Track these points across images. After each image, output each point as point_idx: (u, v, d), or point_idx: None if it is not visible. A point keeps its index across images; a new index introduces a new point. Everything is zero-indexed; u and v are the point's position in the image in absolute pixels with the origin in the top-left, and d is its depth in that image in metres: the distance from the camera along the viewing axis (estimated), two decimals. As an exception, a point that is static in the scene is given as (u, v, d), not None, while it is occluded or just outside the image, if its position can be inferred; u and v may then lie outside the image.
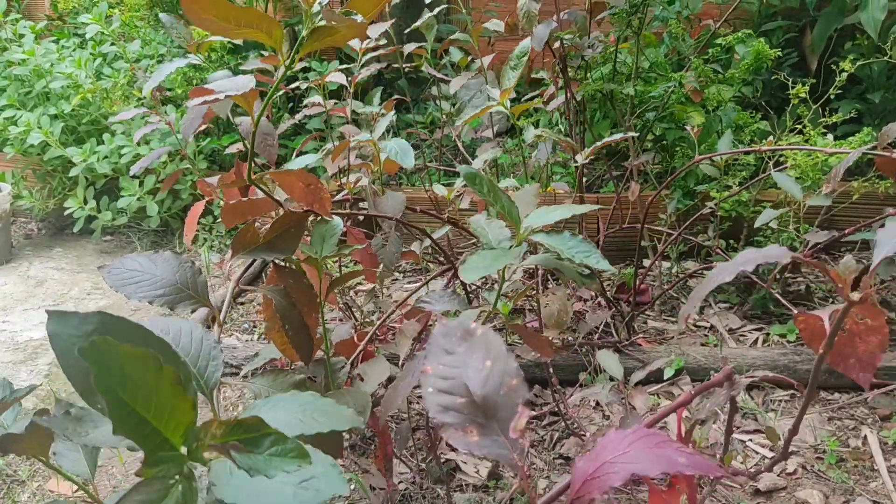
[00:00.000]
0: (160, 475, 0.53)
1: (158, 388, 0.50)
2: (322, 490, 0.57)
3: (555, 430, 1.58)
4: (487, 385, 0.56)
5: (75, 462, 1.09)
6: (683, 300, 2.07)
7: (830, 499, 1.29)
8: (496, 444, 0.53)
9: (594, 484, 0.50)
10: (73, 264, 2.53)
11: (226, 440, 0.52)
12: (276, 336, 1.04)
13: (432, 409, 0.55)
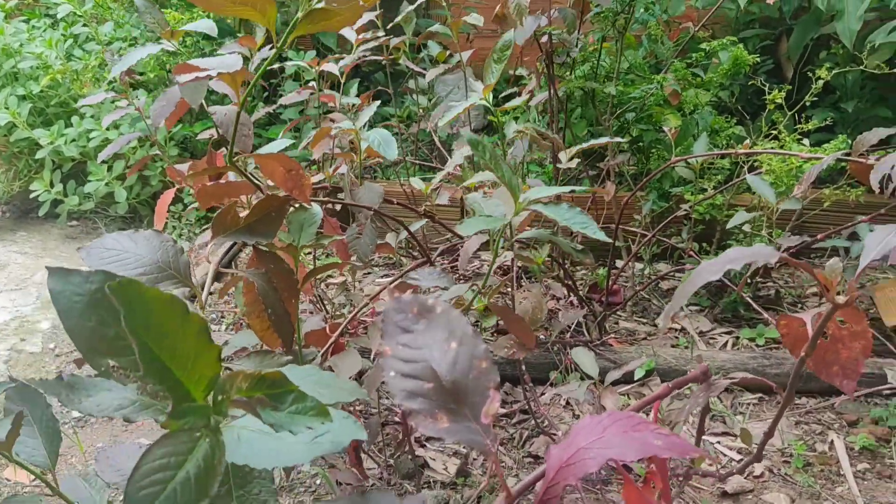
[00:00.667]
0: (185, 428, 0.52)
1: (184, 336, 0.48)
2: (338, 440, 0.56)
3: (524, 428, 1.58)
4: (456, 369, 0.54)
5: (34, 450, 1.05)
6: (655, 302, 2.08)
7: (797, 502, 1.30)
8: (468, 430, 0.52)
9: (569, 471, 0.49)
10: (37, 248, 2.47)
11: (251, 394, 0.50)
12: (256, 321, 1.02)
13: (398, 396, 0.53)
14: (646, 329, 1.96)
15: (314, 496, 1.40)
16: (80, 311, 0.58)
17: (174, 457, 0.51)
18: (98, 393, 0.68)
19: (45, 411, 1.09)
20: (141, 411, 0.67)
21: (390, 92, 2.26)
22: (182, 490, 0.50)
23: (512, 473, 1.43)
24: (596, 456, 0.48)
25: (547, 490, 0.50)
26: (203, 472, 0.51)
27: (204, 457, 0.52)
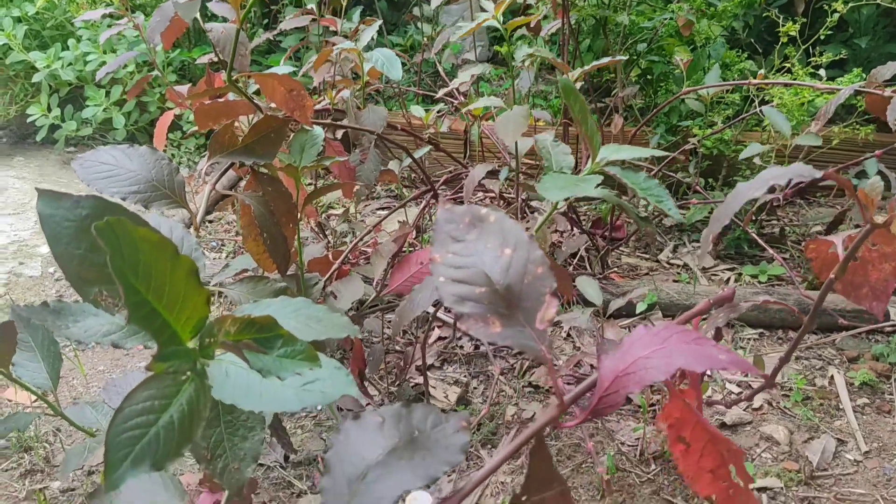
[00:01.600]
0: (171, 370, 0.50)
1: (173, 278, 0.47)
2: (328, 392, 0.54)
3: (525, 359, 1.58)
4: (510, 274, 0.52)
5: (35, 373, 1.05)
6: (659, 237, 2.07)
7: (795, 435, 1.31)
8: (522, 336, 0.50)
9: (628, 380, 0.48)
10: (35, 174, 2.44)
11: (238, 338, 0.49)
12: (252, 245, 1.01)
13: (447, 300, 0.51)
14: (648, 265, 1.95)
15: (315, 421, 1.41)
16: (69, 237, 0.56)
17: (158, 400, 0.50)
18: (85, 319, 0.66)
19: (46, 335, 1.08)
20: (129, 337, 0.65)
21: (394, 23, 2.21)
22: (165, 434, 0.49)
23: (512, 402, 1.44)
24: (659, 366, 0.47)
25: (601, 399, 0.49)
26: (187, 417, 0.50)
27: (188, 401, 0.51)
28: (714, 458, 0.60)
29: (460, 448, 0.49)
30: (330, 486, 0.48)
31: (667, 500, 1.18)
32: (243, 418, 0.73)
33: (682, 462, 0.62)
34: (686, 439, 0.62)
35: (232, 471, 0.71)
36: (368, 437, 0.51)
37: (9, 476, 1.25)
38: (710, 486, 0.62)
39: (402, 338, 1.67)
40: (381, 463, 0.49)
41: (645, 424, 1.31)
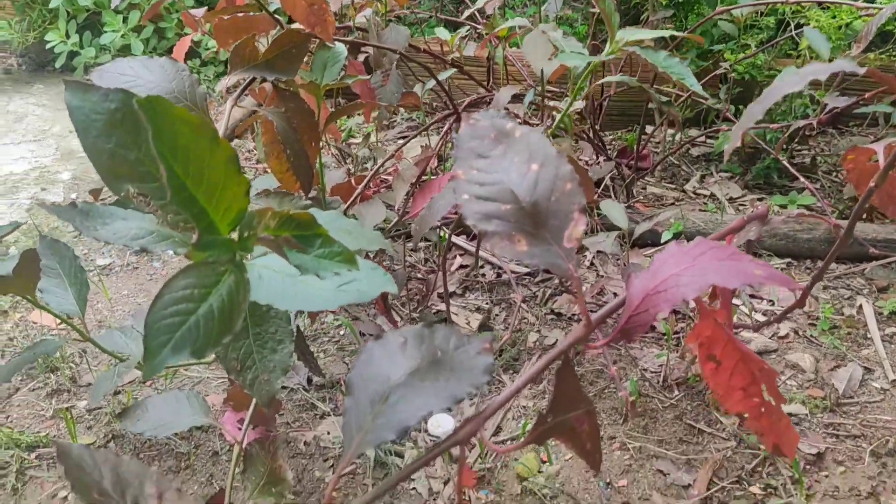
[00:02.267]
0: (210, 261, 0.49)
1: (212, 163, 0.45)
2: (365, 291, 0.53)
3: (547, 286, 1.57)
4: (537, 190, 0.50)
5: (62, 299, 1.05)
6: (685, 167, 2.03)
7: (821, 363, 1.29)
8: (548, 254, 0.48)
9: (659, 298, 0.46)
10: (55, 101, 2.43)
11: (278, 233, 0.48)
12: (275, 163, 0.99)
13: (471, 218, 0.50)
14: (674, 195, 1.92)
15: (338, 346, 1.41)
16: (98, 130, 0.55)
17: (197, 289, 0.49)
18: (114, 221, 0.65)
19: (73, 262, 1.08)
20: (159, 242, 0.64)
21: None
22: (205, 323, 0.48)
23: (534, 329, 1.43)
24: (691, 282, 0.45)
25: (630, 319, 0.47)
26: (227, 307, 0.49)
27: (228, 291, 0.50)
28: (745, 377, 0.59)
29: (484, 369, 0.48)
30: (353, 406, 0.48)
31: (689, 424, 1.18)
32: (272, 331, 0.72)
33: (713, 380, 0.61)
34: (717, 357, 0.60)
35: (262, 382, 0.71)
36: (391, 357, 0.50)
37: (35, 395, 1.27)
38: (741, 404, 0.60)
39: (423, 266, 1.66)
40: (404, 384, 0.47)
41: (669, 351, 1.30)
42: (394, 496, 1.09)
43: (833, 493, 1.05)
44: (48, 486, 1.10)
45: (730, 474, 1.09)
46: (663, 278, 0.47)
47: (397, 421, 0.44)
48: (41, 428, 1.21)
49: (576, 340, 0.48)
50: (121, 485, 0.50)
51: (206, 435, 1.19)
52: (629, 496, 1.07)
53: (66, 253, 1.08)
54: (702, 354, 0.60)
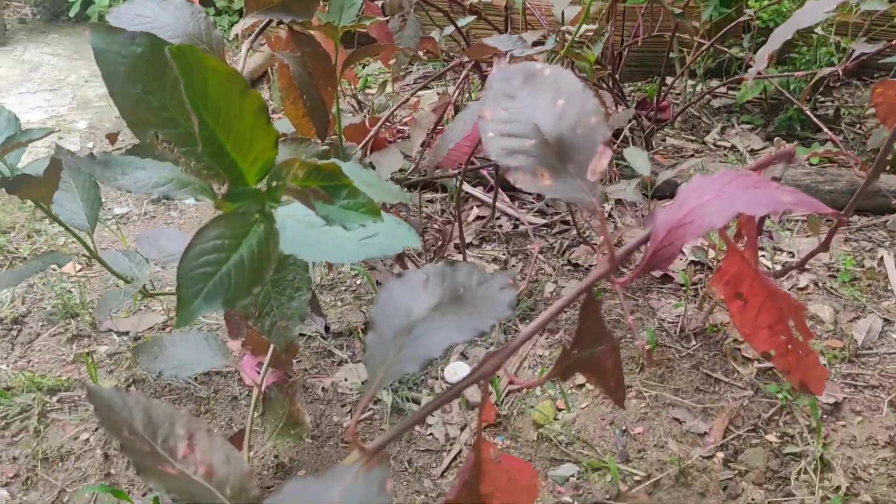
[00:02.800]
0: (240, 212, 0.49)
1: (242, 114, 0.45)
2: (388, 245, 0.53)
3: (565, 238, 1.56)
4: (561, 124, 0.49)
5: (74, 213, 1.05)
6: (705, 119, 2.00)
7: (840, 314, 1.28)
8: (572, 188, 0.48)
9: (684, 230, 0.45)
10: (70, 51, 2.41)
11: (306, 184, 0.47)
12: (291, 108, 0.98)
13: (494, 153, 0.49)
14: (694, 146, 1.89)
15: (355, 294, 1.42)
16: (124, 75, 0.54)
17: (228, 239, 0.49)
18: (134, 171, 0.65)
19: (87, 177, 1.08)
20: (179, 189, 0.64)
21: None
22: (236, 273, 0.48)
23: (551, 280, 1.43)
24: (718, 212, 0.44)
25: (655, 253, 0.46)
26: (257, 257, 0.49)
27: (258, 242, 0.50)
28: (772, 314, 0.58)
29: (508, 304, 0.48)
30: (375, 341, 0.47)
31: (706, 374, 1.18)
32: (290, 278, 0.72)
33: (739, 318, 0.60)
34: (743, 295, 0.60)
35: (279, 329, 0.71)
36: (413, 294, 0.49)
37: (56, 340, 1.29)
38: (768, 342, 0.60)
39: (440, 217, 1.65)
40: (426, 318, 0.47)
41: (686, 302, 1.29)
42: (411, 441, 1.10)
43: (850, 443, 1.05)
44: (70, 429, 1.11)
45: (746, 423, 1.09)
46: (689, 209, 0.46)
47: (420, 353, 0.44)
48: (62, 372, 1.22)
49: (601, 275, 0.48)
50: (151, 425, 0.51)
51: (225, 380, 1.20)
52: (644, 443, 1.07)
53: (81, 167, 1.07)
54: (728, 293, 0.59)
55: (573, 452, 1.06)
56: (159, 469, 0.46)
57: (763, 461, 1.03)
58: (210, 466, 0.49)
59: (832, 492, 0.98)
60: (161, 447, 0.49)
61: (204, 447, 0.50)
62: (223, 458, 0.50)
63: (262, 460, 1.07)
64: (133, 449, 0.47)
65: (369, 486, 0.40)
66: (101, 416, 0.50)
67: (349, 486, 0.41)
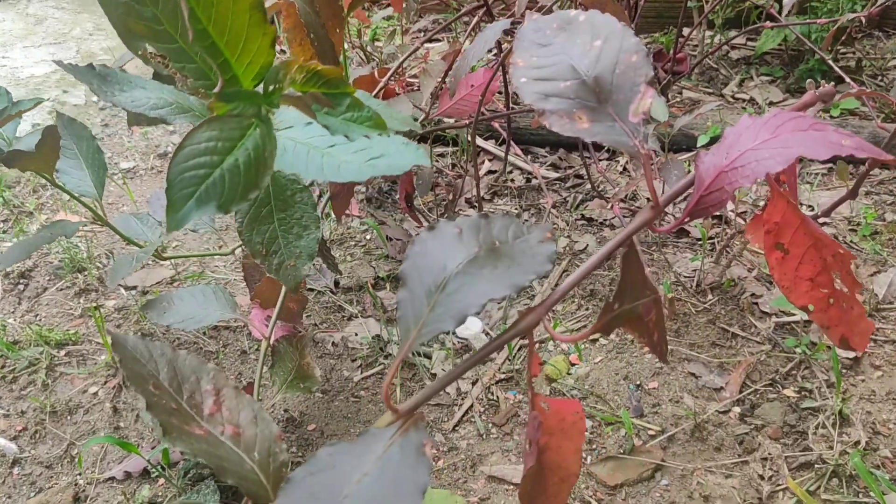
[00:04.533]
0: (234, 113, 0.46)
1: (236, 10, 0.42)
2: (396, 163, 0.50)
3: (579, 192, 1.53)
4: (599, 64, 0.46)
5: (80, 181, 1.03)
6: (723, 71, 1.95)
7: (861, 269, 1.25)
8: (612, 130, 0.45)
9: (735, 175, 0.42)
10: (74, 4, 2.37)
11: (305, 88, 0.44)
12: (297, 49, 0.95)
13: (528, 97, 0.46)
14: (711, 99, 1.85)
15: (364, 249, 1.40)
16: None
17: (221, 142, 0.46)
18: (133, 89, 0.62)
19: (91, 143, 1.06)
20: (178, 114, 0.61)
21: None
22: (230, 177, 0.45)
23: (564, 234, 1.40)
24: (774, 155, 0.41)
25: (700, 199, 0.44)
26: (253, 162, 0.46)
27: (254, 146, 0.47)
28: (815, 265, 0.55)
29: (547, 257, 0.45)
30: (407, 298, 0.44)
31: (722, 328, 1.15)
32: (297, 216, 0.70)
33: (778, 271, 0.57)
34: (784, 246, 0.57)
35: (288, 267, 0.69)
36: (446, 247, 0.47)
37: (63, 295, 1.27)
38: (807, 296, 0.57)
39: (451, 171, 1.62)
40: (461, 272, 0.44)
41: (703, 256, 1.26)
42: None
43: (869, 397, 1.03)
44: (78, 382, 1.11)
45: (763, 377, 1.07)
46: (739, 153, 0.43)
47: (456, 309, 0.42)
48: (70, 326, 1.21)
49: (644, 223, 0.45)
50: (177, 379, 0.49)
51: (233, 334, 1.19)
52: (659, 398, 1.05)
53: (84, 133, 1.04)
54: (768, 242, 0.56)
55: (586, 407, 1.05)
56: (186, 429, 0.44)
57: (780, 416, 1.01)
58: (237, 426, 0.47)
59: (851, 446, 0.96)
60: (187, 403, 0.47)
61: (231, 404, 0.48)
62: (251, 418, 0.48)
63: (272, 413, 1.06)
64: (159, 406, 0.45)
65: (406, 451, 0.38)
66: (126, 367, 0.48)
67: (386, 453, 0.39)
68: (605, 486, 0.95)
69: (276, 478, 0.47)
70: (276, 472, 0.47)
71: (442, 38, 2.07)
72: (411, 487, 0.37)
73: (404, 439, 0.40)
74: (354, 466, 0.38)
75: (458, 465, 0.98)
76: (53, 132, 0.90)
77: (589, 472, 0.96)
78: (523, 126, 1.66)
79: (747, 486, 0.93)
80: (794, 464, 0.95)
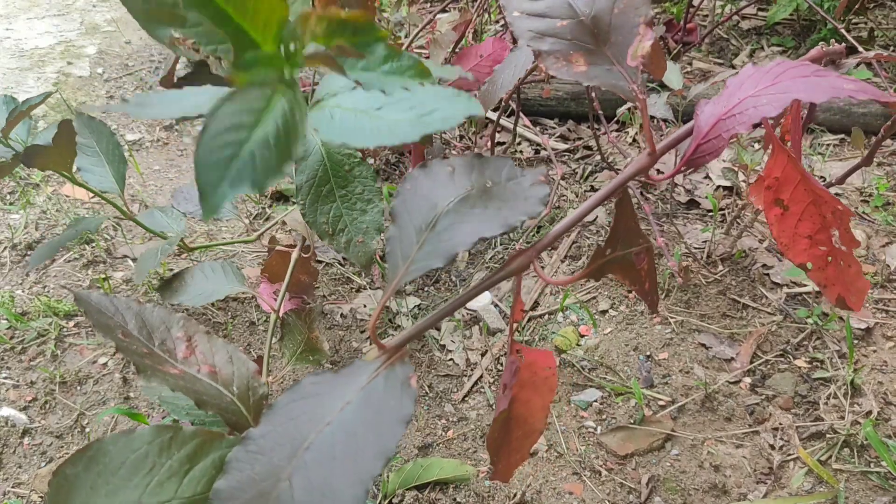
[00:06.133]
0: (256, 82, 0.43)
1: None
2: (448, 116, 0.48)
3: (588, 163, 1.52)
4: (597, 3, 0.45)
5: (101, 177, 1.02)
6: (734, 42, 1.92)
7: (872, 239, 1.24)
8: (609, 74, 0.44)
9: (733, 121, 0.41)
10: (77, -24, 2.35)
11: (330, 41, 0.41)
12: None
13: (523, 36, 0.45)
14: (721, 70, 1.83)
15: (371, 221, 1.39)
16: None
17: (246, 115, 0.44)
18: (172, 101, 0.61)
19: (110, 138, 1.05)
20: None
21: None
22: (260, 152, 0.43)
23: (573, 206, 1.39)
24: (772, 101, 0.40)
25: (699, 147, 0.43)
26: (283, 131, 0.44)
27: (282, 114, 0.45)
28: (814, 222, 0.55)
29: (539, 199, 0.44)
30: (397, 235, 0.44)
31: (733, 299, 1.15)
32: (358, 191, 0.69)
33: (777, 228, 0.57)
34: (784, 202, 0.56)
35: (356, 244, 0.69)
36: (438, 186, 0.46)
37: (71, 266, 1.27)
38: (805, 254, 0.56)
39: (458, 142, 1.61)
40: (452, 211, 0.44)
41: (714, 227, 1.25)
42: (432, 367, 1.08)
43: (881, 368, 1.02)
44: (87, 353, 1.10)
45: (774, 348, 1.07)
46: (739, 100, 0.42)
47: (445, 248, 0.41)
48: (79, 297, 1.21)
49: (639, 170, 0.44)
50: (146, 328, 0.48)
51: (242, 306, 1.19)
52: (669, 369, 1.05)
53: (103, 129, 1.04)
54: (768, 199, 0.56)
55: (596, 378, 1.04)
56: (160, 369, 0.44)
57: (791, 386, 1.01)
58: (213, 366, 0.47)
59: (862, 416, 0.96)
60: (159, 349, 0.47)
61: (205, 348, 0.48)
62: (226, 358, 0.47)
63: (282, 385, 1.06)
64: (129, 350, 0.44)
65: (391, 382, 0.38)
66: (93, 320, 0.47)
67: (370, 384, 0.38)
68: (616, 456, 0.94)
69: (258, 408, 0.47)
70: (257, 403, 0.47)
71: (450, 9, 2.05)
72: (395, 416, 0.36)
73: (389, 371, 0.39)
74: (338, 395, 0.38)
75: (468, 436, 0.98)
76: (68, 126, 0.90)
77: (599, 441, 0.96)
78: (532, 97, 1.65)
79: (758, 456, 0.93)
80: (805, 434, 0.95)
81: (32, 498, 0.92)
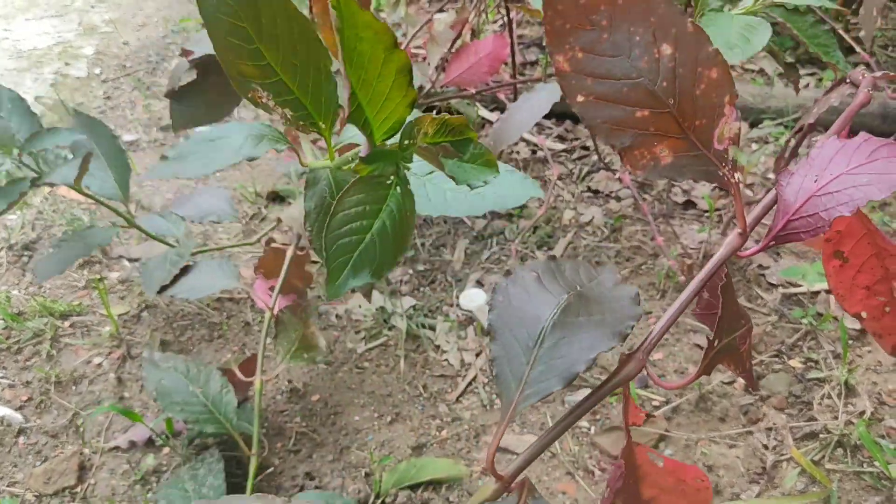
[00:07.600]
0: (375, 174, 0.48)
1: (384, 73, 0.42)
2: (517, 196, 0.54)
3: (584, 163, 1.52)
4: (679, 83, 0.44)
5: (104, 182, 1.02)
6: (731, 41, 1.92)
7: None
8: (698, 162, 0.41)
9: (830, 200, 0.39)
10: (76, -24, 2.35)
11: (435, 140, 0.46)
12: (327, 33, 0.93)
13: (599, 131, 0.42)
14: (719, 70, 1.82)
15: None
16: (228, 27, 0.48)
17: (368, 205, 0.47)
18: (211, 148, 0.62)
19: (113, 142, 1.05)
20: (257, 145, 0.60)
21: None
22: (380, 241, 0.47)
23: (570, 207, 1.39)
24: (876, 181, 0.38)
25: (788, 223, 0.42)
26: (398, 223, 0.48)
27: (398, 205, 0.48)
28: (874, 274, 0.54)
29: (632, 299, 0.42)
30: (502, 354, 0.41)
31: (729, 300, 1.14)
32: None
33: (834, 279, 0.56)
34: (844, 255, 0.55)
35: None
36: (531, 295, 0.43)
37: (69, 266, 1.27)
38: (862, 303, 0.56)
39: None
40: (559, 323, 0.41)
41: (710, 228, 1.25)
42: (426, 367, 1.08)
43: (875, 368, 1.02)
44: (83, 353, 1.11)
45: (769, 348, 1.07)
46: (833, 177, 0.41)
47: (562, 367, 0.38)
48: (74, 298, 1.21)
49: (732, 251, 0.44)
50: None
51: (237, 306, 1.19)
52: (664, 369, 1.05)
53: (105, 132, 1.04)
54: (827, 251, 0.55)
55: (589, 377, 1.04)
56: None
57: (786, 386, 1.01)
58: None
59: (856, 416, 0.96)
60: None
61: None
62: None
63: (276, 384, 1.06)
64: None
65: None
66: None
67: None
68: (609, 456, 0.94)
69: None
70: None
71: (448, 9, 2.05)
72: None
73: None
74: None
75: (462, 436, 0.98)
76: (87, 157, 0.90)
77: (593, 441, 0.96)
78: (529, 97, 1.65)
79: (751, 456, 0.93)
80: (798, 434, 0.95)
81: (27, 497, 0.92)
